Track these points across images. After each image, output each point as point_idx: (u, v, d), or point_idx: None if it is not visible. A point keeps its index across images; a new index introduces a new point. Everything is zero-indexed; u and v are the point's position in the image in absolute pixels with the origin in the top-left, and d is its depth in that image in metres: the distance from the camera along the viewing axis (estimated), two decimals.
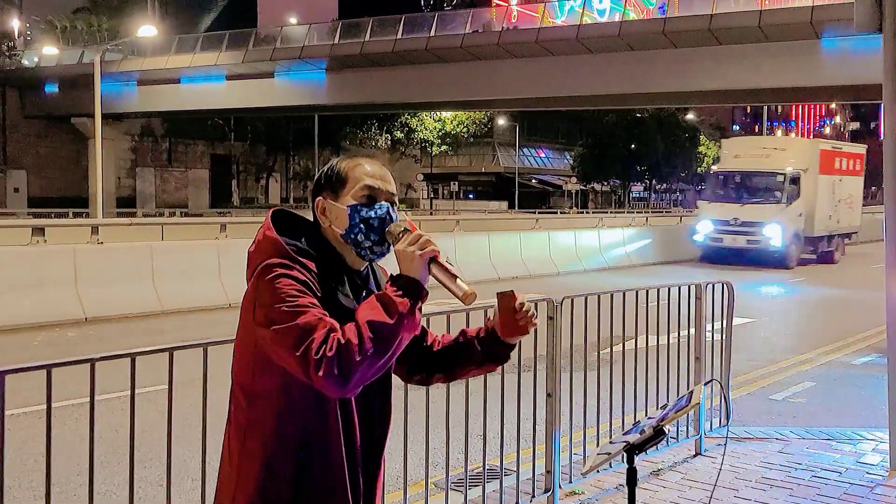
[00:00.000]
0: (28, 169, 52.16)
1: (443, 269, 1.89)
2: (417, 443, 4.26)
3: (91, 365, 3.00)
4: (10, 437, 2.82)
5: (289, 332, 1.81)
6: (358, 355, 1.78)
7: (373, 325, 1.82)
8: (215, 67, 42.58)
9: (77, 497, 4.77)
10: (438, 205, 68.54)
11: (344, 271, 2.03)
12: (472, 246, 18.35)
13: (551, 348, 4.78)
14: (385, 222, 2.01)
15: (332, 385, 1.79)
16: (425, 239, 1.92)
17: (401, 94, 40.97)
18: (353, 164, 2.07)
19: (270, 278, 1.87)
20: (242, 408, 1.98)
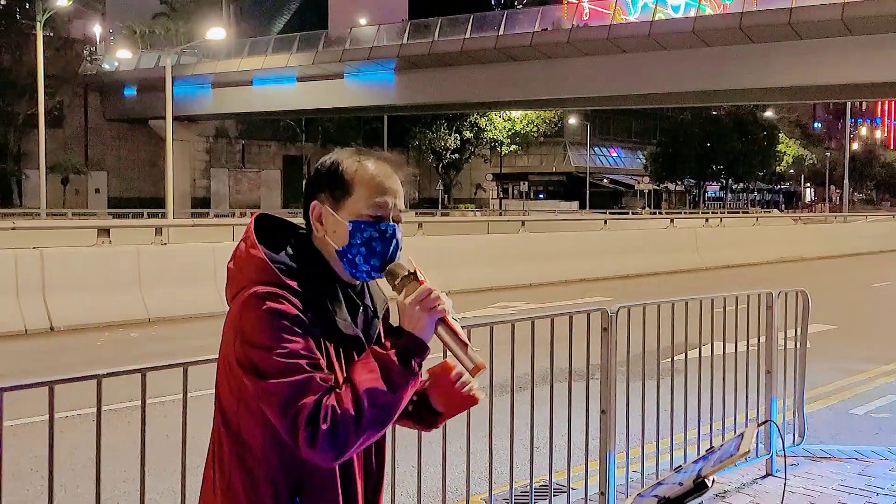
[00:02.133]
0: (108, 170, 53.88)
1: (452, 333, 1.70)
2: (458, 455, 4.00)
3: (142, 375, 2.90)
4: (60, 441, 2.74)
5: (276, 391, 1.60)
6: (355, 430, 1.60)
7: (371, 394, 1.62)
8: (286, 69, 43.19)
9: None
10: (508, 205, 68.12)
11: (339, 288, 1.78)
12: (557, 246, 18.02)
13: (605, 361, 4.47)
14: (390, 247, 1.76)
15: (323, 458, 1.61)
16: (435, 295, 1.69)
17: (470, 94, 40.83)
18: (362, 169, 1.78)
19: (259, 314, 1.63)
20: (226, 439, 1.74)
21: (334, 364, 1.69)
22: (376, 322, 1.84)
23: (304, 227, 1.83)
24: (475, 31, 39.50)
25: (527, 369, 4.11)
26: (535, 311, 5.23)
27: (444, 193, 62.85)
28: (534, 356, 4.09)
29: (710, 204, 77.30)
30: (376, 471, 1.86)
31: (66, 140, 51.29)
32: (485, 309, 13.21)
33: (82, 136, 53.65)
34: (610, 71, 36.31)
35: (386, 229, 1.75)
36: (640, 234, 22.71)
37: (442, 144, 61.67)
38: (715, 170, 72.39)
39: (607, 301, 4.62)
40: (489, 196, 71.73)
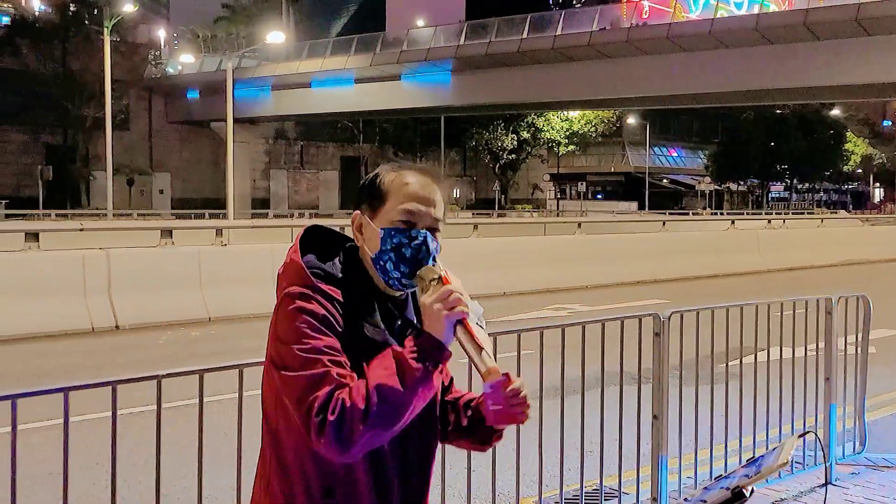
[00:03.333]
0: (172, 172, 55.16)
1: (469, 335, 1.68)
2: (508, 457, 4.00)
3: (200, 376, 2.99)
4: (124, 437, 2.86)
5: (294, 383, 1.65)
6: (362, 423, 1.61)
7: (382, 390, 1.62)
8: (344, 71, 43.63)
9: (181, 500, 4.79)
10: (565, 205, 67.68)
11: (376, 298, 1.82)
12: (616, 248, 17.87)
13: (657, 367, 4.44)
14: (420, 253, 1.78)
15: (331, 451, 1.62)
16: (456, 296, 1.69)
17: (527, 94, 40.70)
18: (398, 179, 1.83)
19: (289, 312, 1.70)
20: (268, 441, 1.81)
21: (364, 370, 1.71)
22: None
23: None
24: (533, 32, 39.36)
25: (580, 373, 4.10)
26: (588, 314, 5.20)
27: (500, 194, 62.74)
28: (584, 360, 4.09)
29: (775, 204, 75.59)
30: (418, 481, 1.85)
31: (131, 142, 52.66)
32: (540, 311, 13.16)
33: (147, 139, 55.07)
34: (670, 70, 35.82)
35: (416, 236, 1.77)
36: (700, 236, 22.36)
37: (499, 145, 61.55)
38: (779, 169, 70.80)
39: (664, 304, 4.58)
40: (546, 197, 71.37)
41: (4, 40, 48.46)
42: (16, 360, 9.16)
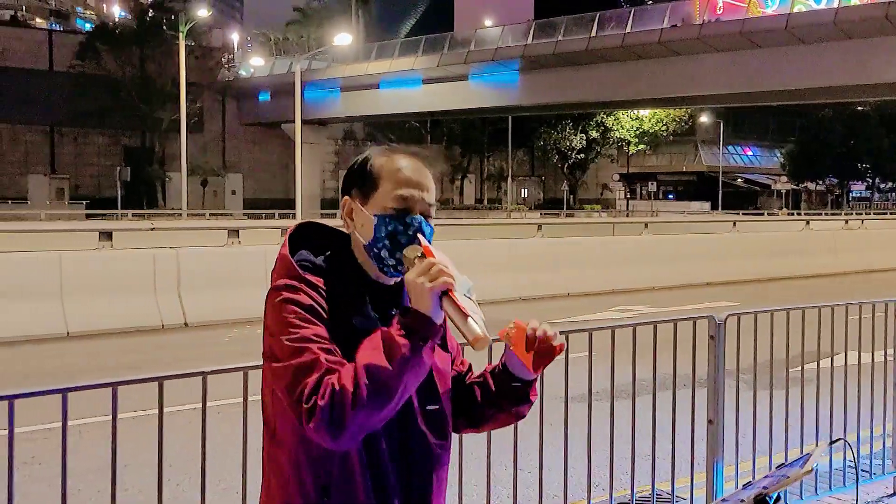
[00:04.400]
0: (244, 173, 56.38)
1: (454, 305, 1.63)
2: (555, 460, 3.96)
3: (244, 373, 3.00)
4: (175, 434, 2.92)
5: (285, 372, 1.62)
6: (352, 405, 1.56)
7: (370, 369, 1.58)
8: (412, 72, 43.89)
9: (230, 498, 4.87)
10: (635, 205, 66.77)
11: (366, 287, 1.79)
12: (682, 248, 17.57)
13: (713, 370, 4.32)
14: (414, 239, 1.75)
15: (324, 437, 1.58)
16: (438, 268, 1.64)
17: (595, 93, 40.29)
18: (389, 164, 1.78)
19: (276, 304, 1.68)
20: (266, 441, 1.80)
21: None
22: None
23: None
24: (601, 30, 38.95)
25: (631, 376, 4.03)
26: (652, 316, 5.10)
27: (569, 194, 62.25)
28: (634, 362, 4.01)
29: (855, 204, 73.11)
30: (419, 482, 1.79)
31: (205, 144, 54.02)
32: (603, 312, 13.01)
33: (220, 140, 56.43)
34: (744, 66, 35.01)
35: (411, 222, 1.74)
36: (773, 237, 21.77)
37: (567, 144, 61.09)
38: (860, 168, 68.49)
39: (733, 307, 4.44)
40: (616, 197, 70.53)
41: (86, 46, 50.29)
42: (92, 354, 9.46)
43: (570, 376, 3.83)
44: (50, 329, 10.19)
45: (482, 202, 63.54)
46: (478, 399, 1.92)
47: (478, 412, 1.93)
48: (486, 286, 14.26)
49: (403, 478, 1.77)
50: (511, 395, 1.88)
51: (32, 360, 9.15)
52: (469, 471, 3.61)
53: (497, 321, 1.76)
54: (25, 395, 2.66)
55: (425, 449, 1.80)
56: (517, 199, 65.95)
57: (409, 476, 1.78)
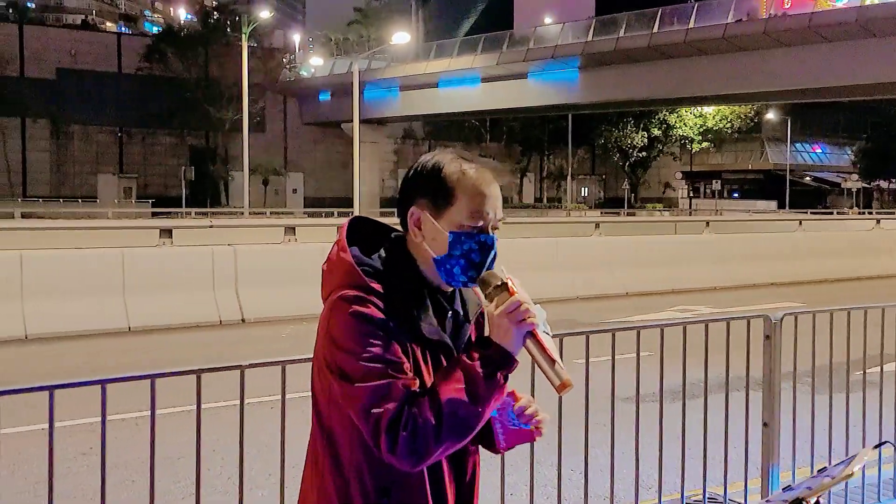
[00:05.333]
0: (305, 171, 57.15)
1: (540, 347, 1.66)
2: (602, 461, 3.86)
3: (283, 367, 3.01)
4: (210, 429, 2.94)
5: (361, 394, 1.62)
6: (435, 441, 1.61)
7: (454, 405, 1.61)
8: (471, 70, 43.87)
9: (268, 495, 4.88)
10: (698, 204, 65.55)
11: (427, 292, 1.77)
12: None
13: (768, 371, 4.17)
14: (487, 257, 1.74)
15: (402, 464, 1.63)
16: (525, 308, 1.65)
17: (658, 90, 39.70)
18: (464, 178, 1.74)
19: (345, 317, 1.65)
20: (320, 439, 1.78)
21: (422, 368, 1.69)
22: (467, 327, 1.82)
23: (398, 230, 1.83)
24: (664, 26, 38.35)
25: (681, 377, 3.92)
26: (709, 316, 4.96)
27: (630, 193, 61.46)
28: (685, 362, 3.90)
29: None
30: (469, 481, 1.84)
31: (267, 143, 54.90)
32: (661, 312, 12.77)
33: (281, 140, 57.30)
34: (812, 61, 34.06)
35: (486, 241, 1.73)
36: (840, 236, 21.12)
37: (628, 142, 60.33)
38: None
39: (795, 307, 4.29)
40: (678, 195, 69.39)
41: (153, 48, 51.59)
42: (154, 349, 9.65)
43: (617, 376, 3.74)
44: (112, 324, 10.43)
45: (541, 201, 63.15)
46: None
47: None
48: (541, 285, 14.13)
49: (456, 478, 1.80)
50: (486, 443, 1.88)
51: (97, 354, 9.37)
52: (512, 471, 3.55)
53: (551, 322, 1.73)
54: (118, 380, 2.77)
55: (469, 453, 1.84)
56: (577, 197, 65.39)
57: (460, 475, 1.82)
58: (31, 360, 9.02)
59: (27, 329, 9.91)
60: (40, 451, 5.43)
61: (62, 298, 10.22)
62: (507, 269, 1.72)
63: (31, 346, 9.68)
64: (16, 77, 50.84)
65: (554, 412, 3.48)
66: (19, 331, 9.87)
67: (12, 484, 5.05)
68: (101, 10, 72.89)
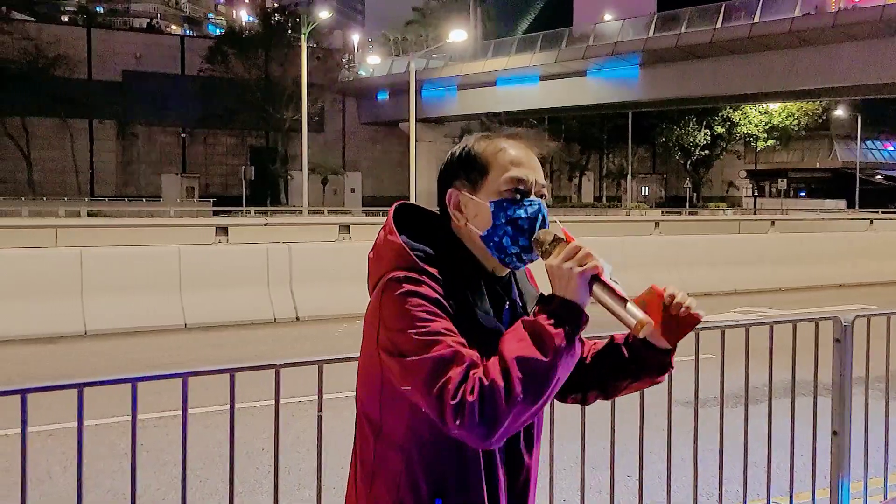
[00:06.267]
0: (363, 171, 57.58)
1: (609, 289, 1.52)
2: (658, 467, 3.66)
3: (319, 367, 2.92)
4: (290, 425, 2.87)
5: (420, 366, 1.50)
6: (505, 401, 1.46)
7: (523, 363, 1.47)
8: (529, 69, 43.67)
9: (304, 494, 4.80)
10: (763, 203, 64.11)
11: (482, 279, 1.66)
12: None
13: (838, 377, 3.92)
14: (537, 222, 1.63)
15: (473, 436, 1.48)
16: (585, 251, 1.53)
17: (720, 87, 38.93)
18: (495, 148, 1.67)
19: (397, 296, 1.55)
20: (369, 442, 1.68)
21: (480, 358, 1.57)
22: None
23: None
24: (727, 21, 37.55)
25: (742, 381, 3.69)
26: (774, 317, 4.69)
27: (692, 192, 60.38)
28: (748, 366, 3.68)
29: None
30: (521, 483, 1.72)
31: (325, 143, 55.48)
32: (724, 313, 12.40)
33: (340, 139, 57.84)
34: (884, 56, 32.96)
35: (531, 203, 1.64)
36: None
37: (690, 140, 59.30)
38: None
39: (865, 309, 4.04)
40: (743, 194, 67.96)
41: (215, 50, 52.55)
42: (209, 346, 9.71)
43: (674, 379, 3.55)
44: (169, 321, 10.52)
45: (601, 200, 62.46)
46: (610, 370, 1.82)
47: (613, 384, 1.83)
48: None
49: (509, 481, 1.69)
50: (649, 364, 1.77)
51: (152, 350, 9.46)
52: (565, 475, 3.40)
53: (614, 322, 1.59)
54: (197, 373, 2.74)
55: (524, 461, 1.72)
56: (637, 196, 64.54)
57: (514, 481, 1.70)
58: (90, 356, 9.14)
59: (86, 325, 10.06)
60: (93, 447, 5.46)
61: (120, 295, 10.35)
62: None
63: (90, 341, 9.82)
64: (84, 80, 52.29)
65: (607, 416, 3.32)
66: (79, 327, 10.02)
67: (63, 480, 5.06)
68: (165, 13, 74.61)
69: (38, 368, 8.43)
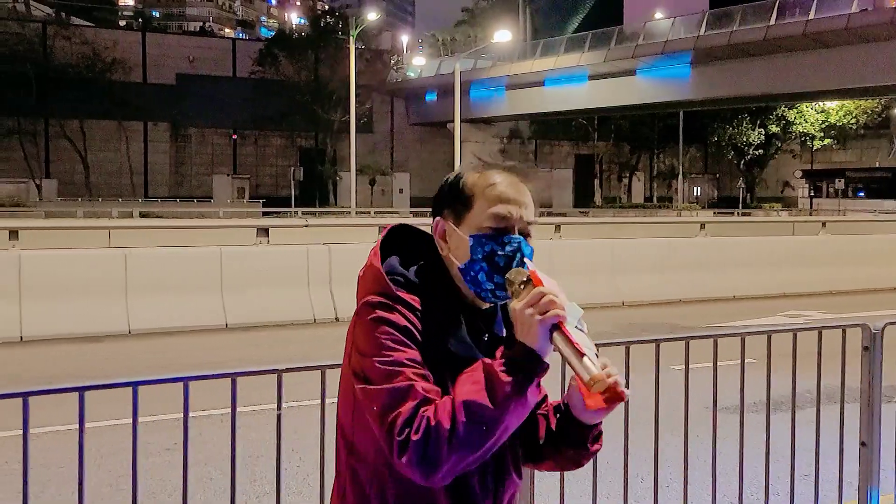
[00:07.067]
0: (411, 171, 57.76)
1: (567, 340, 1.48)
2: (675, 474, 3.59)
3: (322, 372, 2.94)
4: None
5: (377, 396, 1.52)
6: (448, 444, 1.46)
7: (470, 408, 1.47)
8: (578, 68, 43.32)
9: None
10: (820, 203, 62.57)
11: (462, 310, 1.65)
12: None
13: (867, 386, 3.80)
14: (514, 261, 1.61)
15: (414, 473, 1.48)
16: (548, 298, 1.50)
17: (774, 85, 38.12)
18: (485, 182, 1.67)
19: (368, 322, 1.58)
20: (342, 456, 1.70)
21: (448, 388, 1.57)
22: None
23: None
24: (781, 17, 36.76)
25: (782, 390, 3.60)
26: (821, 322, 4.53)
27: (745, 192, 59.26)
28: (769, 373, 3.59)
29: None
30: (506, 497, 1.70)
31: (374, 144, 55.80)
32: (770, 317, 12.14)
33: (388, 140, 58.13)
34: None
35: (509, 241, 1.62)
36: None
37: (744, 140, 58.20)
38: None
39: None
40: (798, 195, 66.49)
41: (265, 52, 53.25)
42: (252, 346, 9.82)
43: (690, 387, 3.47)
44: (211, 321, 10.68)
45: (651, 200, 61.69)
46: (539, 435, 1.77)
47: (536, 449, 1.79)
48: (642, 287, 13.70)
49: (490, 495, 1.66)
50: (570, 438, 1.73)
51: (195, 350, 9.61)
52: (605, 485, 3.35)
53: (652, 325, 1.54)
54: (245, 374, 2.81)
55: (507, 481, 1.70)
56: (689, 197, 63.60)
57: (494, 495, 1.67)
58: (135, 355, 9.32)
59: (130, 325, 10.26)
60: (125, 445, 5.57)
61: (163, 295, 10.54)
62: (606, 271, 1.53)
63: (134, 340, 10.01)
64: (139, 83, 53.42)
65: (620, 423, 3.26)
66: (123, 326, 10.23)
67: (97, 476, 5.15)
68: (219, 17, 75.87)
69: (86, 367, 8.62)
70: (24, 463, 2.45)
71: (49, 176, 50.52)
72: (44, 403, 2.59)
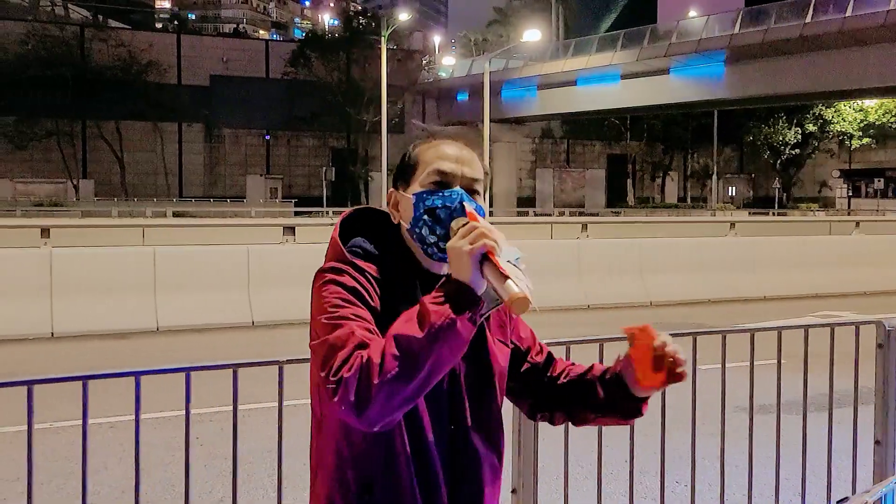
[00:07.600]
0: None
1: (494, 267, 1.45)
2: (683, 474, 3.57)
3: (280, 367, 2.94)
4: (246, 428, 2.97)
5: (319, 348, 1.53)
6: (378, 377, 1.43)
7: (399, 339, 1.44)
8: (610, 67, 43.05)
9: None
10: (859, 204, 61.53)
11: (417, 275, 1.68)
12: None
13: (881, 384, 3.74)
14: (455, 212, 1.61)
15: (348, 412, 1.45)
16: (480, 231, 1.49)
17: (809, 84, 37.55)
18: (427, 146, 1.74)
19: (319, 286, 1.62)
20: (313, 437, 1.72)
21: None
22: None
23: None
24: (817, 15, 36.24)
25: (780, 388, 3.57)
26: (809, 321, 4.49)
27: (781, 192, 58.48)
28: (780, 371, 3.55)
29: None
30: (469, 489, 1.69)
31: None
32: (800, 318, 11.96)
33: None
34: None
35: (450, 194, 1.64)
36: None
37: (780, 139, 57.45)
38: None
39: None
40: (836, 195, 65.43)
41: (298, 53, 53.66)
42: (275, 343, 9.92)
43: (698, 384, 3.45)
44: (237, 318, 10.79)
45: (685, 200, 61.11)
46: (580, 399, 1.83)
47: (579, 413, 1.86)
48: (670, 287, 13.59)
49: (452, 483, 1.66)
50: (620, 407, 1.79)
51: (221, 347, 9.72)
52: (611, 479, 3.34)
53: (682, 324, 1.57)
54: (245, 365, 2.77)
55: (476, 458, 1.70)
56: (724, 197, 62.92)
57: (458, 481, 1.68)
58: (162, 352, 9.45)
59: (158, 322, 10.41)
60: (145, 438, 5.65)
61: (191, 293, 10.67)
62: (633, 271, 1.55)
63: (162, 337, 10.16)
64: (174, 85, 54.11)
65: (630, 426, 3.25)
66: (151, 323, 10.38)
67: (118, 470, 5.24)
68: (253, 18, 76.58)
69: (115, 363, 8.76)
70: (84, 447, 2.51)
71: (86, 176, 51.38)
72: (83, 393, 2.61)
